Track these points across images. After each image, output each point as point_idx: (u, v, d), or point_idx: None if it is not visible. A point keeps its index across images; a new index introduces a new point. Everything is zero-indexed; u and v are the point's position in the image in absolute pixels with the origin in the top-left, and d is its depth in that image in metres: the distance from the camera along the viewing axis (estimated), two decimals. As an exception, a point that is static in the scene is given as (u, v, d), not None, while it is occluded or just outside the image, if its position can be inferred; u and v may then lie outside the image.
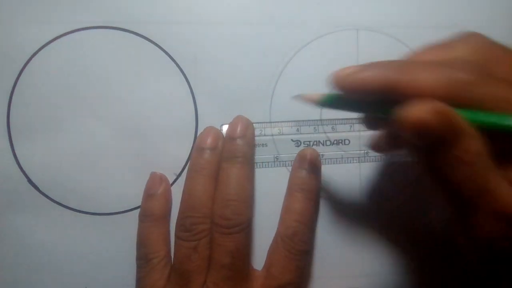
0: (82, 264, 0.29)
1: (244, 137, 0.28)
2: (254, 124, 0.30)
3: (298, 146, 0.31)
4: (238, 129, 0.29)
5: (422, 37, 0.31)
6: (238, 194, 0.27)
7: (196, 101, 0.30)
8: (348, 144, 0.31)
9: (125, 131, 0.29)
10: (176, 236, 0.28)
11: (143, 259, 0.28)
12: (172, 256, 0.28)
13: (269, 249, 0.28)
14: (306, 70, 0.31)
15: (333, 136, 0.31)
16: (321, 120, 0.31)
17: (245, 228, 0.27)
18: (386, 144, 0.26)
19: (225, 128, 0.30)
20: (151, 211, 0.29)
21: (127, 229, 0.29)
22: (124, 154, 0.29)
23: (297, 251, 0.27)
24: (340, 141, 0.31)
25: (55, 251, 0.29)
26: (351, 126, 0.31)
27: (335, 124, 0.31)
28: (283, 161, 0.30)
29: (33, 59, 0.29)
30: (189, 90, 0.30)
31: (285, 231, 0.27)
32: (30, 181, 0.29)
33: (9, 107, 0.29)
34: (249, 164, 0.28)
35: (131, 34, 0.30)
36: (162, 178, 0.29)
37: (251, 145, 0.29)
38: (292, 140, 0.31)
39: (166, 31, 0.30)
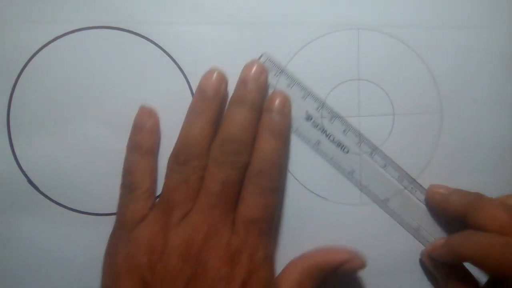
0: (82, 264, 0.29)
1: (257, 82, 0.28)
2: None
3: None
4: (252, 73, 0.28)
5: (423, 37, 0.31)
6: (240, 136, 0.27)
7: (196, 101, 0.30)
8: (347, 153, 0.31)
9: (125, 131, 0.29)
10: (168, 168, 0.28)
11: (127, 187, 0.28)
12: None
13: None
14: (306, 70, 0.30)
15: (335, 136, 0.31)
16: (321, 120, 0.31)
17: (240, 168, 0.27)
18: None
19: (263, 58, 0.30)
20: (139, 144, 0.29)
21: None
22: (124, 154, 0.29)
23: (264, 188, 0.27)
24: (341, 145, 0.31)
25: (54, 251, 0.29)
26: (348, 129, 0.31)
27: (335, 124, 0.31)
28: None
29: (33, 59, 0.29)
30: (189, 91, 0.30)
31: (252, 170, 0.27)
32: (30, 181, 0.29)
33: (9, 107, 0.29)
34: (256, 111, 0.28)
35: (132, 34, 0.30)
36: (151, 113, 0.29)
37: (263, 92, 0.29)
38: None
39: (166, 31, 0.30)
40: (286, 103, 0.28)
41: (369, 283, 0.30)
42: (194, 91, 0.30)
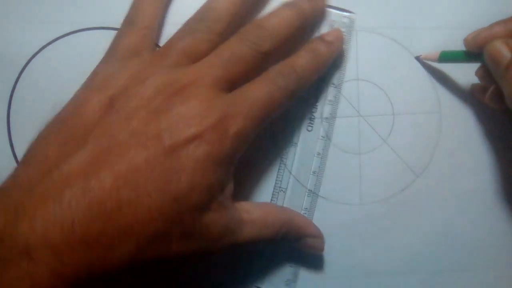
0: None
1: (316, 5, 0.29)
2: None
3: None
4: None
5: (421, 38, 0.31)
6: (274, 28, 0.26)
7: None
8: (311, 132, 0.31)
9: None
10: (182, 25, 0.27)
11: (128, 21, 0.28)
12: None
13: None
14: (305, 70, 0.31)
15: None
16: (321, 119, 0.31)
17: (260, 55, 0.26)
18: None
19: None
20: None
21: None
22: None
23: (280, 82, 0.26)
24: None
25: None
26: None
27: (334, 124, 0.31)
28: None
29: (33, 59, 0.29)
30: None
31: (277, 67, 0.27)
32: (29, 181, 0.29)
33: (9, 108, 0.29)
34: (300, 21, 0.28)
35: (131, 35, 0.30)
36: None
37: (315, 15, 0.30)
38: (292, 140, 0.31)
39: (165, 32, 0.30)
40: (339, 41, 0.29)
41: (369, 283, 0.30)
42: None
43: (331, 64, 0.30)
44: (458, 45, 0.30)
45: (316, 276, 0.30)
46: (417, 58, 0.31)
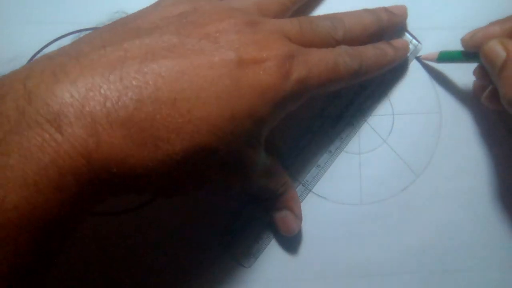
0: (82, 264, 0.29)
1: (393, 18, 0.30)
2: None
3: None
4: (399, 14, 0.30)
5: (422, 39, 0.31)
6: (349, 23, 0.27)
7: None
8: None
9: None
10: None
11: None
12: None
13: None
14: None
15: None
16: (321, 118, 0.31)
17: (325, 40, 0.26)
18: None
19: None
20: None
21: (128, 230, 0.29)
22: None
23: (344, 57, 0.26)
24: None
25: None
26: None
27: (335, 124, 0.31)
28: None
29: (33, 60, 0.29)
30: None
31: (345, 46, 0.27)
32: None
33: (10, 108, 0.29)
34: (376, 27, 0.29)
35: (131, 35, 0.30)
36: None
37: (391, 26, 0.30)
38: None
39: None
40: (404, 50, 0.30)
41: (369, 283, 0.30)
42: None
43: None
44: (458, 45, 0.30)
45: (315, 276, 0.30)
46: (417, 58, 0.31)
